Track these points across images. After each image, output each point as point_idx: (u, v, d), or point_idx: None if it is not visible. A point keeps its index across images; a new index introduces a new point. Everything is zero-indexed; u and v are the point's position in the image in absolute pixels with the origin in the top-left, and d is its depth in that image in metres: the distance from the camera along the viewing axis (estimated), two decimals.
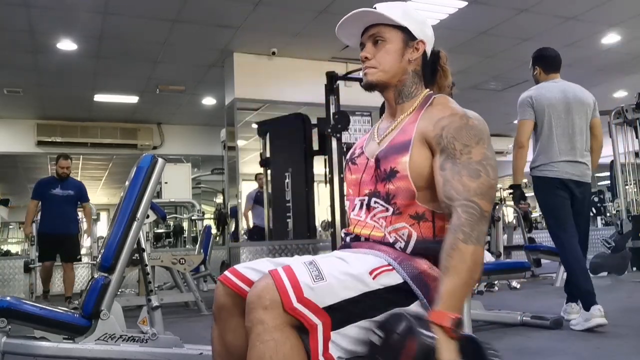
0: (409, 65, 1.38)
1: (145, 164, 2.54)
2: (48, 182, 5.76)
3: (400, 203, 1.28)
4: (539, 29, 5.76)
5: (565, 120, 3.30)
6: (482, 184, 1.21)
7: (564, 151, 3.26)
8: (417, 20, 1.39)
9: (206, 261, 6.20)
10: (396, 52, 1.36)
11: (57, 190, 5.60)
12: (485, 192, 1.20)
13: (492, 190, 1.23)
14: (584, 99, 3.38)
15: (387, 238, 1.28)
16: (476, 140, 1.24)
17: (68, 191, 5.66)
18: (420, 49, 1.38)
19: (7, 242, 14.95)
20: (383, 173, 1.31)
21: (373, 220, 1.32)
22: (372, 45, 1.38)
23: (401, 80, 1.38)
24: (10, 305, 2.20)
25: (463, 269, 1.14)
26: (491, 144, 1.27)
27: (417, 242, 1.26)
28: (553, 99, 3.35)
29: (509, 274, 3.52)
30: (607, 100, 8.18)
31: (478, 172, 1.21)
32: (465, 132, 1.24)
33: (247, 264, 1.33)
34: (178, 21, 5.21)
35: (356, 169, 1.41)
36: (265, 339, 1.07)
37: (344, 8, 1.56)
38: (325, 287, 1.11)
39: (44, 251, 5.71)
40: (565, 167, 3.24)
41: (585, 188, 3.31)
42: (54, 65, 6.18)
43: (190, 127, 9.06)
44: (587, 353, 2.65)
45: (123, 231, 2.41)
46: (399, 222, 1.28)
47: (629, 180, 6.51)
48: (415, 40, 1.37)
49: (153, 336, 2.41)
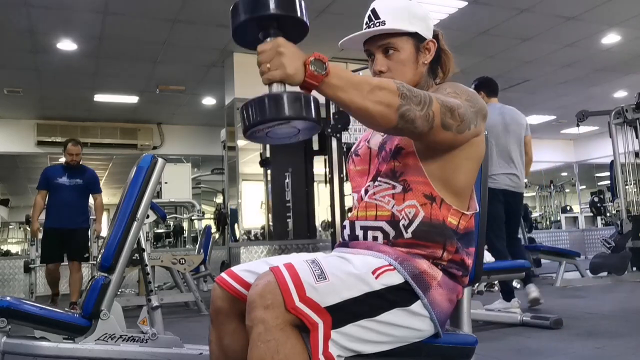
0: (424, 67, 1.36)
1: (145, 164, 2.54)
2: (54, 170, 5.15)
3: (410, 179, 1.26)
4: (539, 29, 5.76)
5: (504, 139, 3.90)
6: (453, 103, 1.17)
7: (502, 165, 3.87)
8: (423, 18, 1.35)
9: (206, 261, 6.20)
10: (411, 61, 1.32)
11: (63, 179, 4.96)
12: (449, 108, 1.15)
13: (453, 112, 1.15)
14: (519, 120, 4.03)
15: (397, 216, 1.26)
16: (468, 97, 1.23)
17: (76, 180, 5.00)
18: (431, 49, 1.35)
19: (7, 242, 14.95)
20: (388, 153, 1.30)
21: (376, 200, 1.30)
22: (383, 56, 1.33)
23: (418, 83, 1.35)
24: (10, 305, 2.20)
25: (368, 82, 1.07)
26: (483, 116, 1.25)
27: (421, 222, 1.25)
28: (493, 121, 3.84)
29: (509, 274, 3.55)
30: (607, 100, 8.19)
31: (456, 101, 1.18)
32: (462, 88, 1.25)
33: (244, 266, 1.33)
34: (178, 21, 5.21)
35: (360, 161, 1.41)
36: (266, 338, 1.06)
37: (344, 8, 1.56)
38: (328, 287, 1.11)
39: (49, 250, 4.93)
40: (503, 179, 3.86)
41: (518, 197, 4.00)
42: (54, 66, 6.18)
43: (190, 127, 9.06)
44: (587, 353, 2.65)
45: (123, 231, 2.41)
46: (411, 199, 1.26)
47: (629, 180, 6.50)
48: (425, 41, 1.34)
49: (153, 336, 2.41)
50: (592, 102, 7.95)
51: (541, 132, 10.91)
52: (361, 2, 1.37)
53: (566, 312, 3.68)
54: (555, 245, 9.46)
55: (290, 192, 5.53)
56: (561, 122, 10.12)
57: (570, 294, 5.04)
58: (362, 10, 1.39)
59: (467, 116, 1.19)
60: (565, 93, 8.23)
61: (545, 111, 9.42)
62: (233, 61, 6.09)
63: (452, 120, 1.16)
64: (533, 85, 7.74)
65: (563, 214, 12.62)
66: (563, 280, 5.76)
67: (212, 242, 6.77)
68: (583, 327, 3.28)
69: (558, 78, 7.49)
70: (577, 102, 8.12)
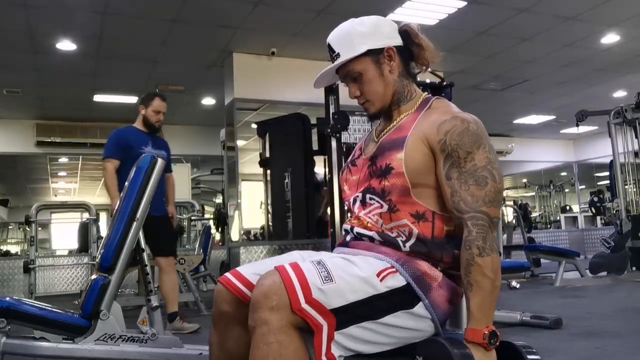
0: (393, 75, 1.36)
1: (144, 165, 2.54)
2: (136, 135, 3.71)
3: (396, 199, 1.27)
4: (539, 29, 5.76)
5: None
6: (490, 191, 1.22)
7: None
8: (372, 32, 1.34)
9: (206, 261, 6.20)
10: (376, 77, 1.35)
11: (149, 149, 3.60)
12: (493, 199, 1.22)
13: (499, 195, 1.24)
14: None
15: (387, 234, 1.27)
16: (477, 145, 1.24)
17: (161, 151, 3.69)
18: (392, 55, 1.35)
19: (6, 242, 14.95)
20: (378, 170, 1.31)
21: (368, 217, 1.32)
22: (353, 83, 1.38)
23: (394, 92, 1.37)
24: (10, 306, 2.20)
25: (485, 282, 1.17)
26: (492, 145, 1.27)
27: (417, 239, 1.26)
28: None
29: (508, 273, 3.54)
30: (606, 100, 8.19)
31: (485, 179, 1.22)
32: (467, 138, 1.24)
33: (252, 269, 1.30)
34: (178, 21, 5.20)
35: (356, 170, 1.41)
36: (269, 340, 1.06)
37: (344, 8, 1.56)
38: (334, 289, 1.11)
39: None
40: None
41: None
42: (54, 66, 6.17)
43: (190, 127, 9.05)
44: (587, 353, 2.65)
45: (122, 231, 2.41)
46: (400, 219, 1.27)
47: (628, 180, 6.50)
48: (382, 50, 1.34)
49: (152, 336, 2.41)
50: (591, 102, 7.95)
51: (541, 132, 10.93)
52: (360, 2, 1.38)
53: (566, 312, 3.68)
54: (554, 245, 9.45)
55: (290, 192, 5.52)
56: (561, 122, 10.13)
57: (570, 294, 5.04)
58: (361, 11, 1.39)
59: (497, 175, 1.24)
60: (564, 93, 8.23)
61: (544, 111, 9.42)
62: (233, 61, 6.08)
63: (501, 196, 1.26)
64: (532, 85, 7.74)
65: (562, 214, 12.63)
66: (563, 280, 5.77)
67: (211, 242, 6.76)
68: (583, 327, 3.28)
69: (557, 78, 7.49)
70: (577, 102, 8.12)
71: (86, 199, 9.72)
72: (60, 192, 14.22)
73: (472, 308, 1.16)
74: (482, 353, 1.12)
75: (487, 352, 1.13)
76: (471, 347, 1.12)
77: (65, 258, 8.50)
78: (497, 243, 4.79)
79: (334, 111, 4.35)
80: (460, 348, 1.12)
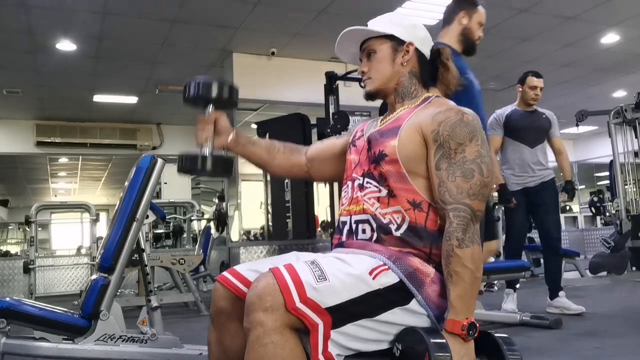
0: (404, 68, 1.41)
1: (144, 165, 2.54)
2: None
3: (394, 185, 1.29)
4: (539, 29, 5.77)
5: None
6: (475, 184, 1.23)
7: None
8: (404, 25, 1.43)
9: (206, 261, 6.20)
10: (386, 59, 1.41)
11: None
12: (478, 192, 1.23)
13: (485, 189, 1.25)
14: None
15: (380, 218, 1.29)
16: (470, 137, 1.26)
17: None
18: (410, 50, 1.41)
19: (6, 242, 14.95)
20: (373, 155, 1.34)
21: (364, 199, 1.33)
22: (366, 59, 1.44)
23: (399, 83, 1.42)
24: (10, 306, 2.19)
25: (465, 273, 1.18)
26: (485, 139, 1.29)
27: (409, 226, 1.27)
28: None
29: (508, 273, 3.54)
30: (606, 100, 8.20)
31: (472, 172, 1.24)
32: (459, 130, 1.26)
33: (248, 266, 1.32)
34: (178, 21, 5.21)
35: (355, 151, 1.44)
36: (264, 342, 1.06)
37: (344, 8, 1.57)
38: (329, 288, 1.12)
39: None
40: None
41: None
42: (53, 66, 6.17)
43: (190, 127, 8.96)
44: (587, 353, 2.65)
45: (122, 231, 2.40)
46: (396, 205, 1.29)
47: (628, 180, 6.50)
48: (404, 43, 1.40)
49: (152, 336, 2.41)
50: (591, 101, 7.95)
51: None
52: (360, 2, 1.39)
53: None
54: None
55: (290, 192, 5.52)
56: (560, 122, 10.05)
57: (569, 294, 5.02)
58: (361, 11, 1.41)
59: (485, 169, 1.25)
60: (564, 93, 8.23)
61: None
62: (232, 61, 6.09)
63: (486, 190, 1.26)
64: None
65: (562, 214, 12.63)
66: (563, 280, 5.75)
67: (211, 242, 6.76)
68: (583, 327, 3.28)
69: (557, 78, 7.48)
70: (577, 101, 8.12)
71: (86, 199, 9.72)
72: (60, 193, 14.23)
73: (452, 299, 1.17)
74: (460, 344, 1.13)
75: (465, 343, 1.14)
76: (449, 337, 1.13)
77: (65, 258, 8.50)
78: (497, 243, 4.81)
79: (333, 111, 4.35)
80: (437, 338, 1.12)
